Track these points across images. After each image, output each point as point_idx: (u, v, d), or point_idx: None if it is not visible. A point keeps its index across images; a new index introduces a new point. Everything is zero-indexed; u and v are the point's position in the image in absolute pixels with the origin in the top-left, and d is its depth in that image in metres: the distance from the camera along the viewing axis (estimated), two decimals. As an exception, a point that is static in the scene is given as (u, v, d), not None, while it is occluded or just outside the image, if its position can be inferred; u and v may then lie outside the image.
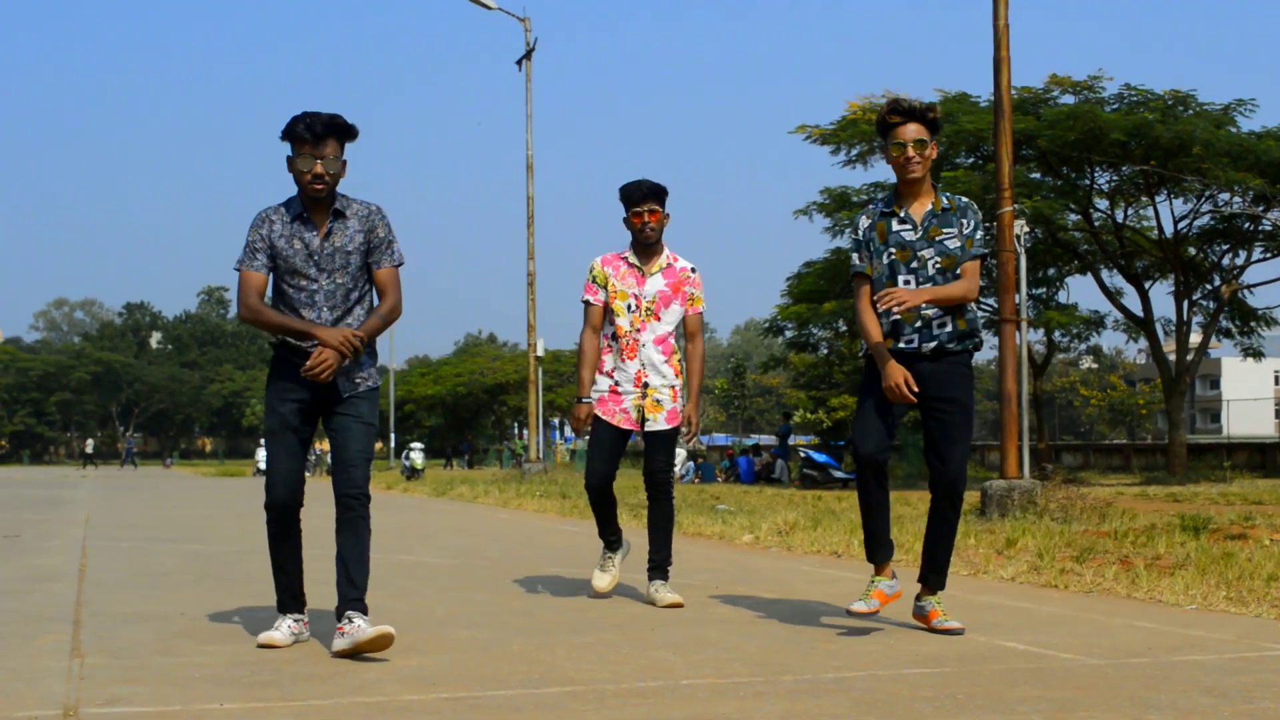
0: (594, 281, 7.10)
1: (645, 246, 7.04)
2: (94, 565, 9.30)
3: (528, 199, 31.09)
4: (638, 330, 7.00)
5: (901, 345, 5.95)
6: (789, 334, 36.32)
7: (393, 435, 62.24)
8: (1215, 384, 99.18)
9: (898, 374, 5.84)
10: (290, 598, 5.69)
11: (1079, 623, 6.25)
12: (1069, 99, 29.15)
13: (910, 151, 5.90)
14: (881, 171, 36.35)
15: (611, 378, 7.06)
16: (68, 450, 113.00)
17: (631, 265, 7.06)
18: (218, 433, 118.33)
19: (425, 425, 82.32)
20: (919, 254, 5.93)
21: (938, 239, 5.93)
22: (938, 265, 5.92)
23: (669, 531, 7.21)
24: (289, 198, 5.63)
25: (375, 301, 5.67)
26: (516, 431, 61.93)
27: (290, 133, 5.46)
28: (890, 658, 5.25)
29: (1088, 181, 30.71)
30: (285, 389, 5.57)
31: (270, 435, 5.63)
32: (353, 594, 5.38)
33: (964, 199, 6.09)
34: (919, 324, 5.93)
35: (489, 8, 31.12)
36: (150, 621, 6.31)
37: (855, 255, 6.14)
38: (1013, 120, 15.13)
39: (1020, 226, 15.92)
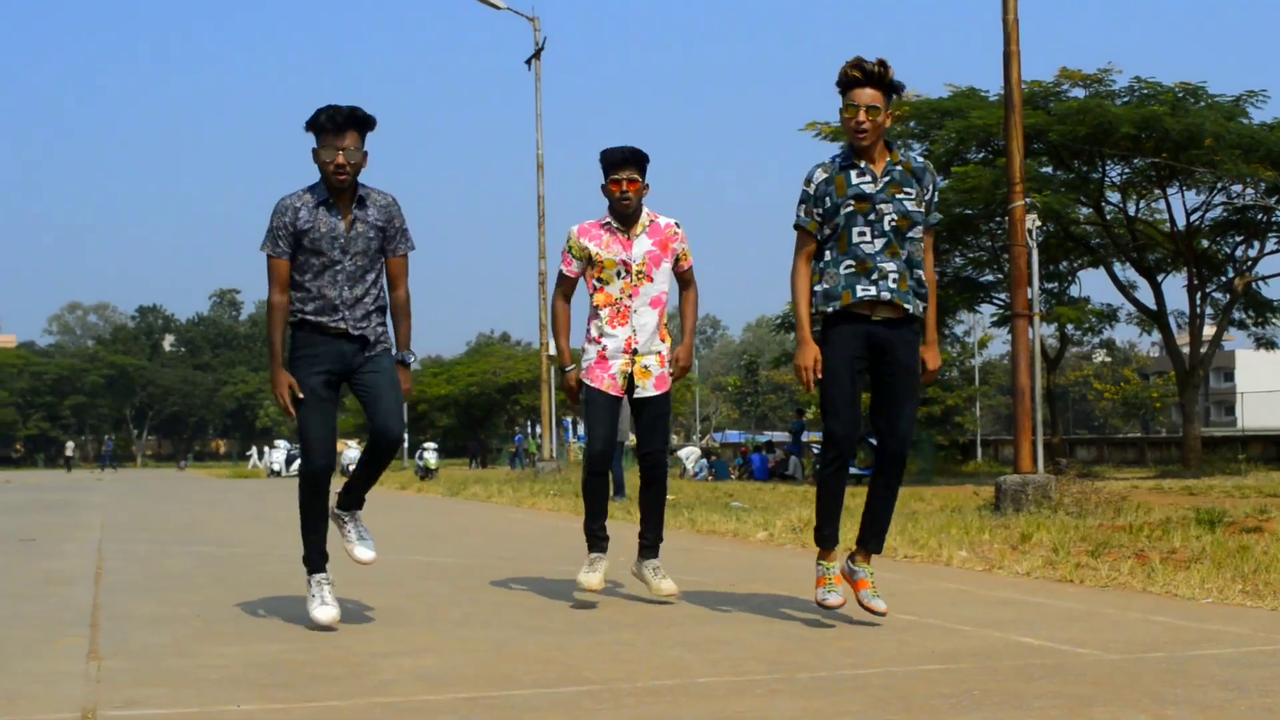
0: (569, 252, 6.92)
1: (623, 217, 6.83)
2: (110, 568, 9.32)
3: (538, 198, 31.13)
4: (630, 295, 6.83)
5: (859, 293, 5.85)
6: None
7: (405, 436, 62.27)
8: (1229, 376, 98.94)
9: (809, 355, 5.88)
10: (319, 555, 6.16)
11: (1095, 618, 6.24)
12: (1079, 92, 29.08)
13: (862, 116, 5.82)
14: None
15: (599, 343, 6.88)
16: (82, 454, 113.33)
17: (614, 230, 6.85)
18: (231, 435, 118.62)
19: (438, 425, 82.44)
20: (877, 207, 5.86)
21: (896, 196, 5.87)
22: (893, 223, 5.86)
23: (662, 512, 7.11)
24: (312, 184, 5.99)
25: (384, 284, 6.16)
26: (530, 430, 61.88)
27: (314, 124, 5.83)
28: (906, 654, 5.24)
29: (1099, 175, 30.64)
30: (311, 361, 6.01)
31: (304, 407, 5.99)
32: (348, 502, 6.33)
33: (920, 159, 6.05)
34: (874, 275, 5.85)
35: (498, 7, 31.15)
36: (167, 624, 6.33)
37: (801, 209, 6.03)
38: (1023, 114, 15.10)
39: (1032, 221, 15.88)
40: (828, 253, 5.97)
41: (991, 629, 5.88)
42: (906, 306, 5.89)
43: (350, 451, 52.30)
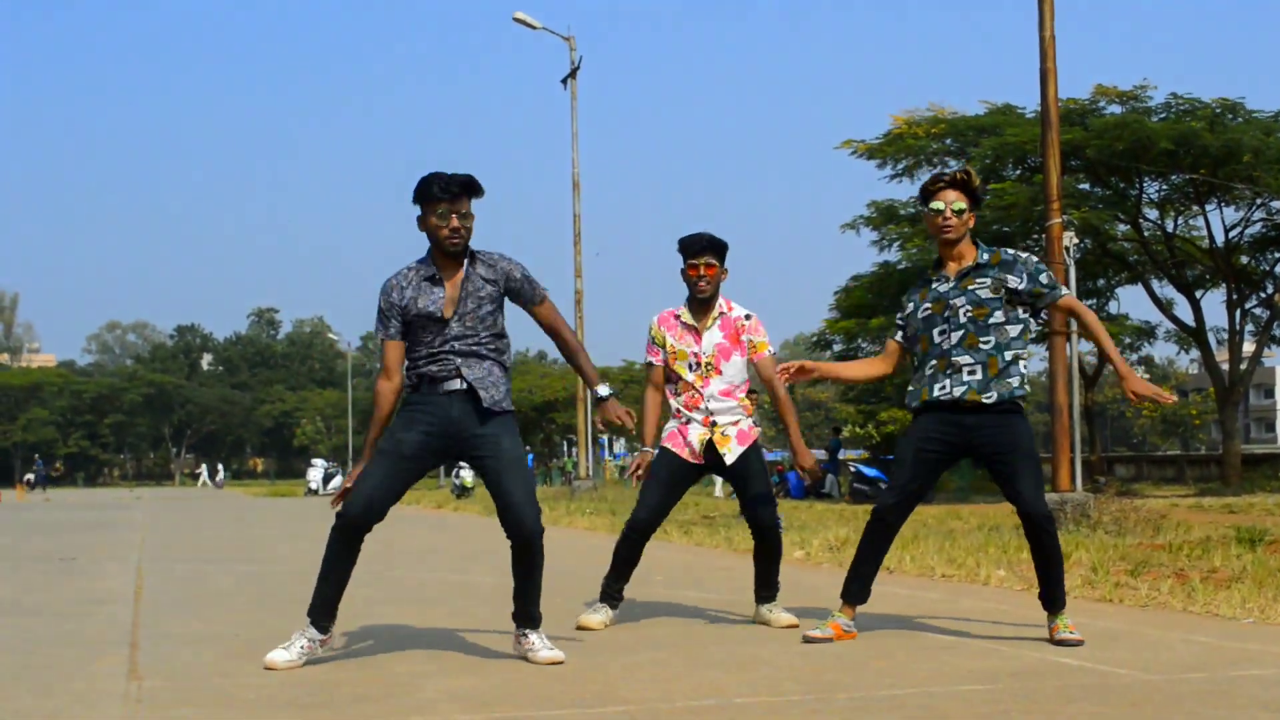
0: (654, 342, 6.97)
1: (700, 301, 6.85)
2: (150, 587, 9.38)
3: (574, 217, 31.19)
4: (701, 385, 6.84)
5: (936, 393, 6.13)
6: (837, 348, 36.20)
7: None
8: (1270, 393, 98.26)
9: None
10: (322, 610, 5.70)
11: (1135, 637, 6.21)
12: (1116, 109, 29.01)
13: (948, 214, 6.08)
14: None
15: (678, 418, 6.91)
16: (121, 472, 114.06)
17: (686, 325, 6.88)
18: (268, 453, 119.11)
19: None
20: (950, 303, 6.11)
21: (970, 289, 6.09)
22: (969, 314, 6.07)
23: (774, 568, 7.02)
24: (419, 258, 5.82)
25: (506, 337, 5.85)
26: (566, 450, 61.91)
27: (425, 194, 5.67)
28: (944, 674, 5.23)
29: (1136, 191, 30.52)
30: (415, 419, 5.71)
31: (378, 453, 5.69)
32: (530, 617, 5.78)
33: (1010, 251, 6.21)
34: (949, 371, 6.10)
35: (534, 27, 31.27)
36: (207, 643, 6.36)
37: (895, 324, 6.48)
38: (1060, 131, 15.07)
39: (1069, 238, 15.85)
40: (917, 355, 6.30)
41: (1030, 649, 5.86)
42: (984, 399, 6.04)
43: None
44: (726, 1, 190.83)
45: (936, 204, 6.10)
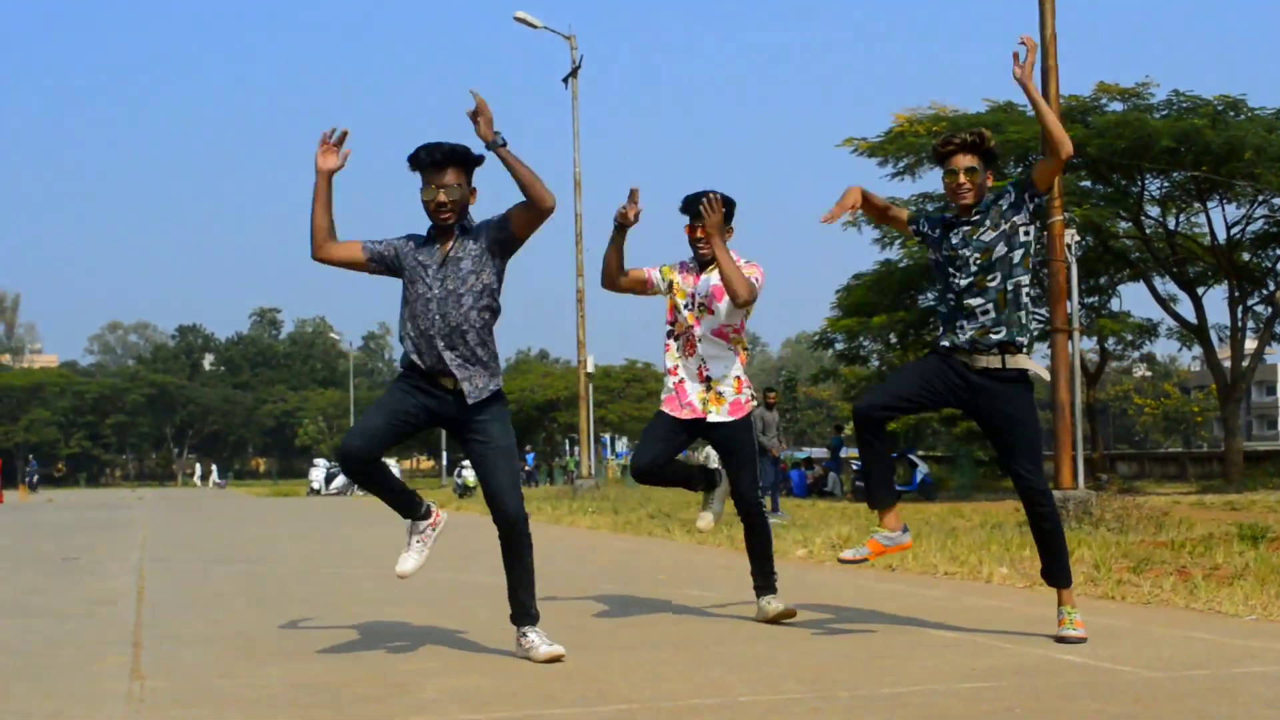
0: (658, 269, 7.06)
1: (703, 260, 6.94)
2: (152, 587, 9.38)
3: (576, 216, 31.17)
4: (693, 325, 6.92)
5: (943, 341, 6.22)
6: (839, 346, 36.21)
7: (444, 454, 62.44)
8: (1271, 390, 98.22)
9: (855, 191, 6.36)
10: (406, 511, 5.95)
11: (1137, 635, 6.20)
12: (1117, 106, 28.98)
13: (962, 178, 6.12)
14: (929, 182, 36.16)
15: (676, 375, 7.00)
16: (123, 473, 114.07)
17: (689, 268, 7.01)
18: (270, 453, 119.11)
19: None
20: (960, 253, 6.16)
21: (975, 237, 6.14)
22: (977, 260, 6.12)
23: (765, 553, 7.05)
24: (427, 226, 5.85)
25: (497, 304, 5.84)
26: (568, 449, 61.94)
27: (414, 162, 5.69)
28: (947, 672, 5.22)
29: (1138, 188, 30.50)
30: (411, 389, 5.78)
31: (380, 403, 5.79)
32: (526, 612, 5.78)
33: (1009, 183, 6.29)
34: (961, 317, 6.14)
35: (535, 26, 31.26)
36: (209, 643, 6.36)
37: (913, 209, 6.39)
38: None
39: (1071, 235, 15.81)
40: (936, 290, 6.45)
41: (1033, 646, 5.86)
42: (994, 336, 6.08)
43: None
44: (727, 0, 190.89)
45: (951, 169, 6.15)
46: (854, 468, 31.54)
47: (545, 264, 50.16)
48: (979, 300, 6.12)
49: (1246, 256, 32.20)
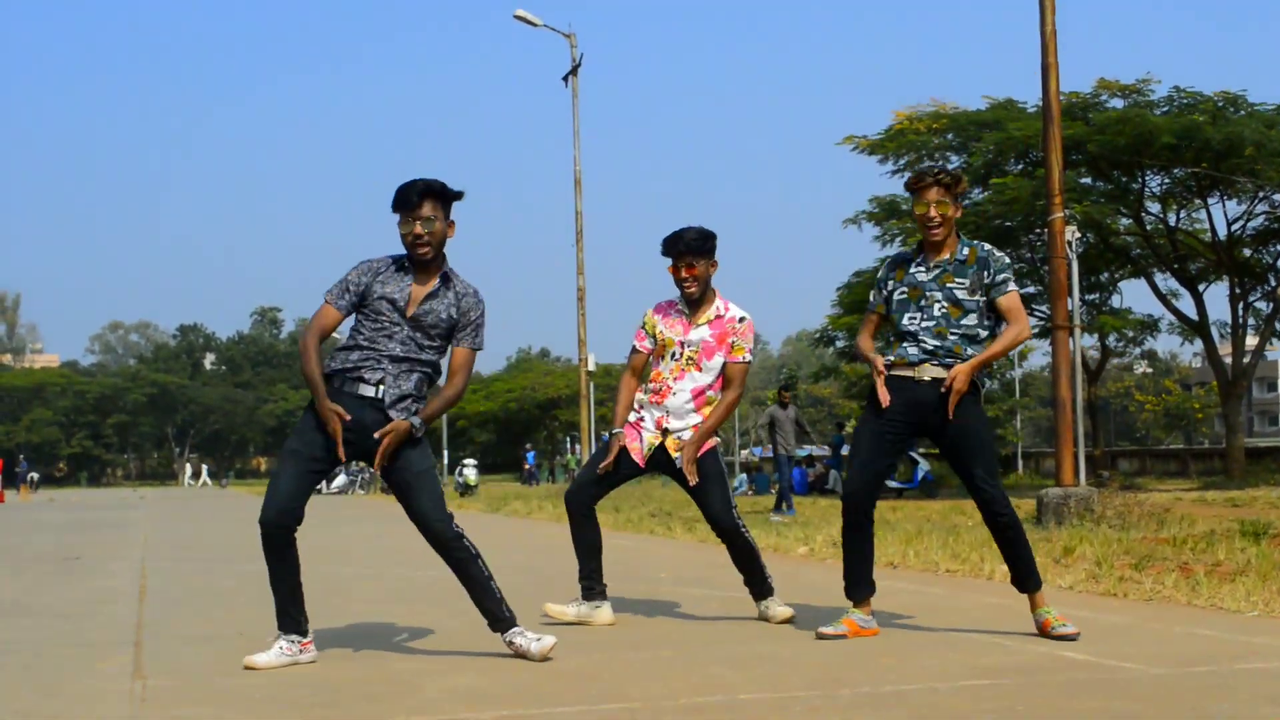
0: (643, 329, 6.92)
1: (691, 301, 6.79)
2: (154, 586, 9.38)
3: (576, 214, 31.17)
4: (675, 378, 6.78)
5: (899, 352, 6.20)
6: (840, 344, 36.19)
7: (445, 452, 62.48)
8: (1273, 386, 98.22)
9: (883, 396, 6.14)
10: (284, 617, 5.69)
11: (1139, 631, 6.20)
12: (1118, 103, 28.95)
13: (932, 212, 6.15)
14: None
15: (639, 412, 6.88)
16: (125, 472, 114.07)
17: (680, 312, 6.83)
18: (272, 453, 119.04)
19: (477, 441, 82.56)
20: (927, 294, 6.18)
21: (948, 285, 6.17)
22: (944, 310, 6.14)
23: (755, 565, 6.95)
24: (401, 254, 5.81)
25: (434, 373, 5.82)
26: (569, 447, 61.99)
27: (394, 202, 5.70)
28: (949, 670, 5.22)
29: (1139, 185, 30.47)
30: (317, 428, 5.64)
31: (287, 454, 5.68)
32: (498, 619, 5.77)
33: (986, 246, 6.28)
34: (914, 344, 6.17)
35: (535, 25, 31.27)
36: (210, 642, 6.36)
37: (872, 294, 6.50)
38: (1062, 125, 15.04)
39: (1071, 232, 15.83)
40: (888, 330, 6.42)
41: (1035, 644, 5.86)
42: (936, 371, 6.09)
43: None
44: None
45: (920, 204, 6.16)
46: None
47: (546, 262, 50.36)
48: (937, 341, 6.14)
49: (1247, 253, 32.17)
